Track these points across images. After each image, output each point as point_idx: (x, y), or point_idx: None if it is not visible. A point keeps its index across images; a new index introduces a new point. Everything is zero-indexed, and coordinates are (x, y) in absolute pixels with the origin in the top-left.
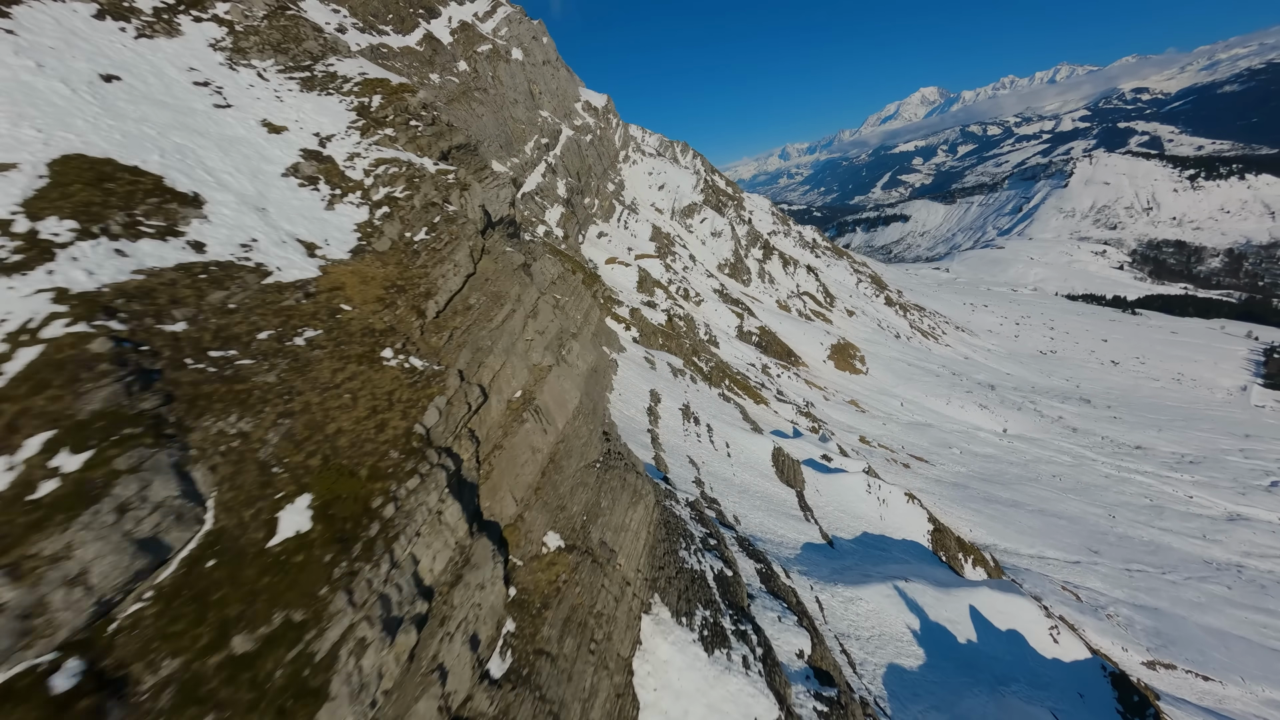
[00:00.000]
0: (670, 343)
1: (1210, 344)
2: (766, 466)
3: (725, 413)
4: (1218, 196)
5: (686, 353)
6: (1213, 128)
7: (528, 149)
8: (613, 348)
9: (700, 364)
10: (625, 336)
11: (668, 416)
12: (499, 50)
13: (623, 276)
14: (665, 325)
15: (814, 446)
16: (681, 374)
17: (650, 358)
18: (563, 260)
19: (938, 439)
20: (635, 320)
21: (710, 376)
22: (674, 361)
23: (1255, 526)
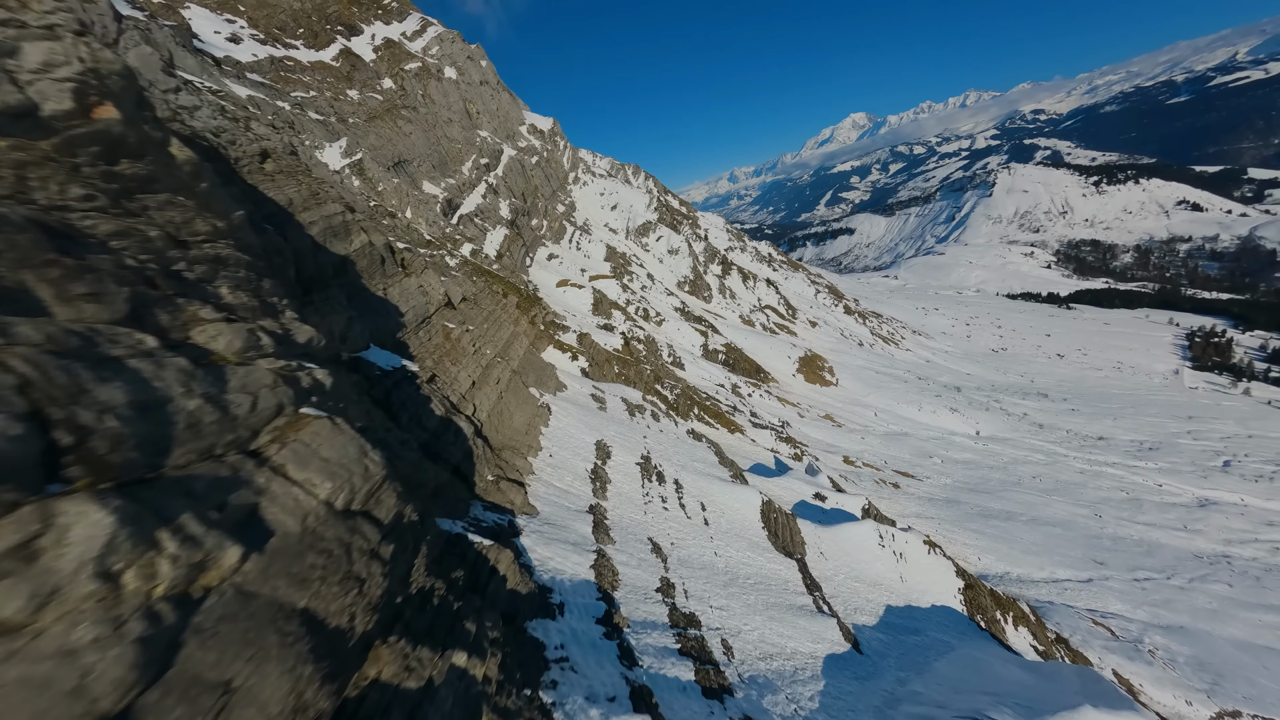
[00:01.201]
0: (628, 370)
1: (1139, 332)
2: (755, 529)
3: (697, 457)
4: (1120, 199)
5: (647, 380)
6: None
7: (465, 169)
8: (546, 387)
9: (664, 392)
10: (571, 369)
11: (621, 478)
12: (429, 68)
13: (576, 299)
14: (622, 350)
15: (803, 483)
16: (640, 411)
17: (600, 394)
18: (492, 283)
19: (917, 449)
20: (585, 347)
21: (677, 406)
22: (630, 396)
23: (1225, 510)
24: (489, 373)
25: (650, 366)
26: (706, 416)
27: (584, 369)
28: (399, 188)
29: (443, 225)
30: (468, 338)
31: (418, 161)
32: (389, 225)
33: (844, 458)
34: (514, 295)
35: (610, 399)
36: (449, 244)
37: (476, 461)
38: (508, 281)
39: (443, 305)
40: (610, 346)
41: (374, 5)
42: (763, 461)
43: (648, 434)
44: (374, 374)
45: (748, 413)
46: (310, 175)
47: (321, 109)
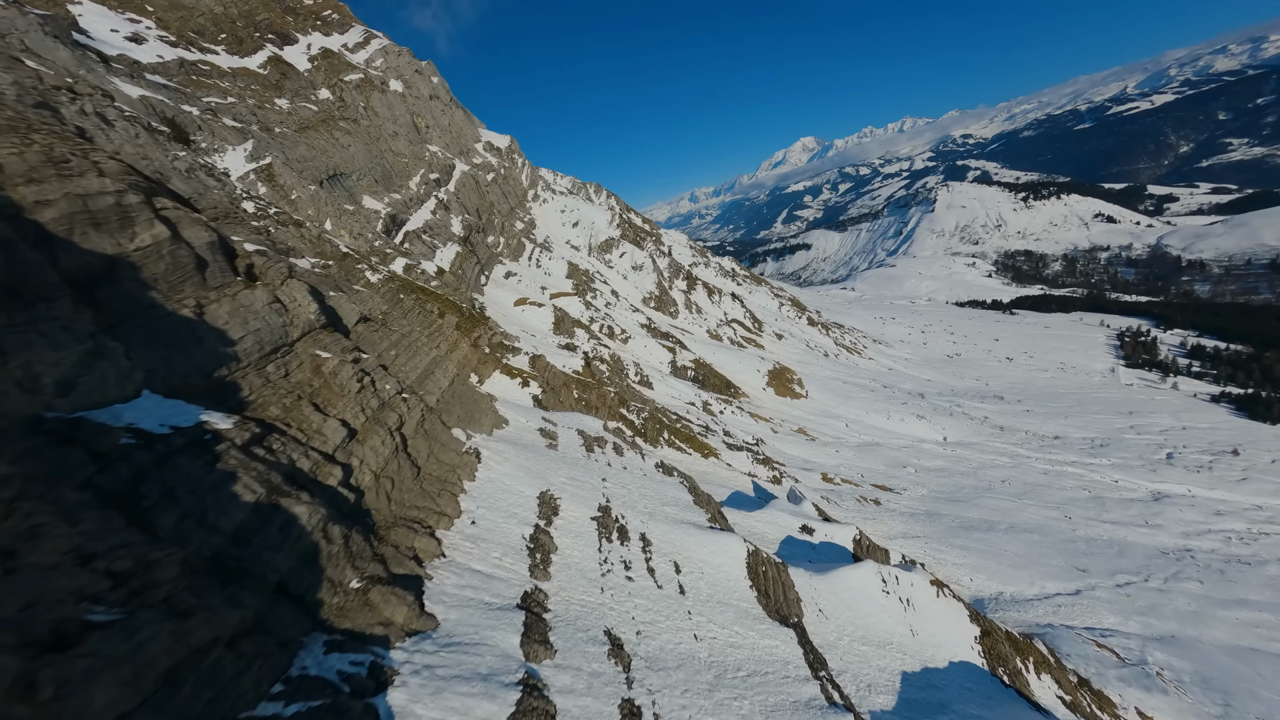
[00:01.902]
0: (589, 394)
1: (1076, 334)
2: (742, 590)
3: (667, 497)
4: (1045, 213)
5: (611, 405)
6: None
7: (412, 184)
8: (479, 425)
9: (631, 416)
10: (520, 397)
11: (571, 543)
12: (372, 80)
13: (536, 318)
14: (583, 372)
15: (788, 514)
16: (600, 445)
17: (552, 427)
18: (425, 301)
19: (890, 459)
20: (539, 371)
21: (645, 432)
22: (589, 425)
23: (1177, 502)
24: (383, 416)
25: (614, 389)
26: (678, 441)
27: (536, 396)
28: (317, 196)
29: (371, 238)
30: (352, 370)
31: (358, 175)
32: (289, 234)
33: (823, 475)
34: (453, 314)
35: (564, 432)
36: (374, 258)
37: (329, 562)
38: (446, 300)
39: (319, 328)
40: (569, 369)
41: (312, 16)
42: (741, 489)
43: (608, 474)
44: (116, 446)
45: (721, 432)
46: (69, 137)
47: (241, 116)
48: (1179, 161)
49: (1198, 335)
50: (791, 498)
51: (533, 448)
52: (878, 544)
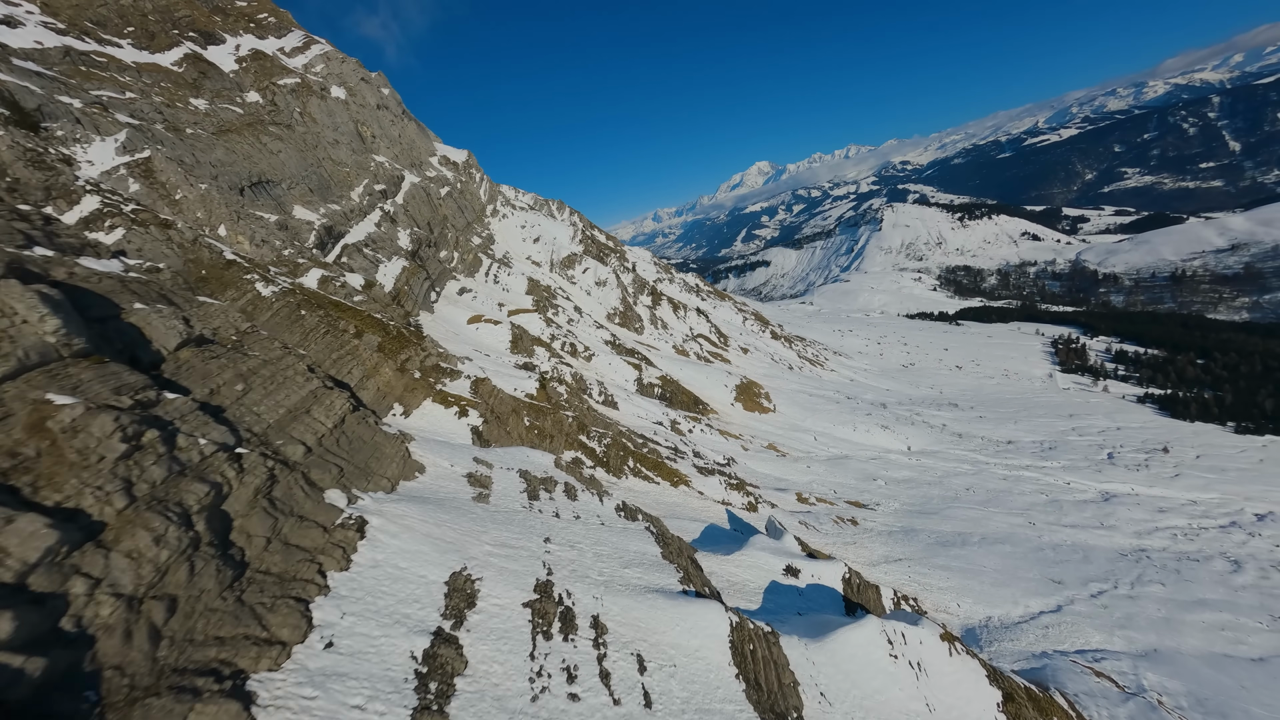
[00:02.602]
0: (543, 421)
1: (1015, 343)
2: (726, 684)
3: (630, 554)
4: (980, 232)
5: (569, 432)
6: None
7: (354, 195)
8: (373, 481)
9: (592, 444)
10: (455, 430)
11: (489, 651)
12: (310, 85)
13: (491, 336)
14: (537, 395)
15: (770, 554)
16: (548, 488)
17: (485, 471)
18: (339, 317)
19: (859, 472)
20: (483, 397)
21: (607, 461)
22: (537, 463)
23: (1124, 501)
24: (173, 493)
25: (574, 412)
26: (645, 469)
27: (476, 428)
28: (208, 196)
29: (280, 246)
30: (111, 425)
31: (289, 183)
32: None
33: (797, 495)
34: (374, 333)
35: (501, 476)
36: (281, 268)
37: None
38: (369, 317)
39: (66, 357)
40: (521, 392)
41: (245, 19)
42: (716, 521)
43: (554, 530)
44: None
45: (691, 454)
46: None
47: (142, 113)
48: (1086, 187)
49: (1120, 341)
50: (771, 531)
51: (452, 503)
52: (868, 580)
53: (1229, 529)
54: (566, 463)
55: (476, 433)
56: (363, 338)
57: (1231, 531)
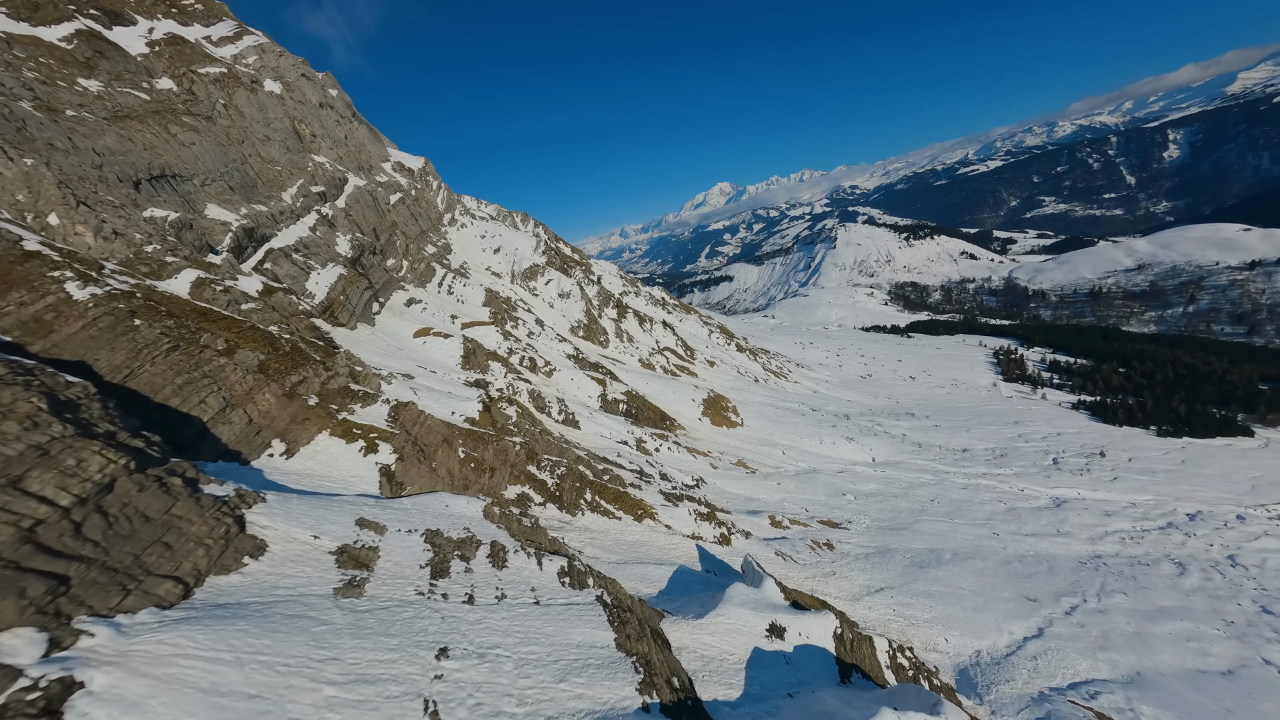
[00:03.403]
0: (482, 452)
1: (961, 354)
2: None
3: (571, 654)
4: (924, 251)
5: (515, 463)
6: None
7: (286, 196)
8: (149, 585)
9: (543, 475)
10: (360, 471)
11: None
12: (239, 77)
13: (440, 351)
14: (479, 419)
15: (749, 611)
16: (465, 555)
17: (373, 539)
18: (202, 329)
19: (829, 486)
20: (402, 425)
21: (560, 496)
22: (457, 518)
23: (1073, 506)
24: None
25: (524, 438)
26: (604, 501)
27: (387, 467)
28: (35, 174)
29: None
30: None
31: (203, 179)
32: None
33: (770, 518)
34: (256, 349)
35: (397, 545)
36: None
37: None
38: (252, 329)
39: None
40: (460, 416)
41: (164, 2)
42: (685, 563)
43: (458, 633)
44: None
45: (658, 476)
46: None
47: (8, 89)
48: (1011, 213)
49: (1052, 352)
50: (749, 575)
51: (292, 609)
52: (860, 631)
53: (1167, 530)
54: (499, 513)
55: (387, 474)
56: (235, 355)
57: (1170, 533)
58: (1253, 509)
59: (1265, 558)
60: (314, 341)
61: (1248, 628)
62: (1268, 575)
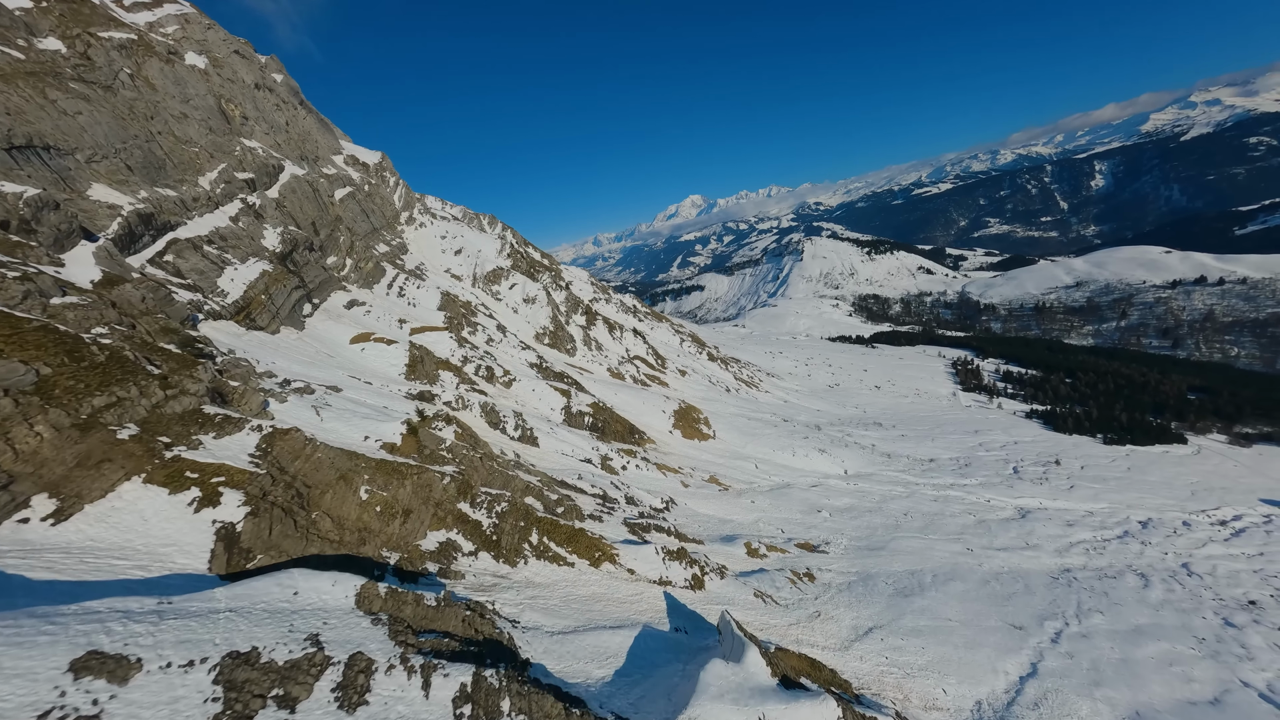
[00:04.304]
0: (396, 489)
1: (922, 364)
2: None
3: None
4: (884, 265)
5: (442, 500)
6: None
7: (205, 181)
8: None
9: (478, 515)
10: (181, 536)
11: None
12: (153, 46)
13: (381, 359)
14: (402, 443)
15: (731, 708)
16: (289, 697)
17: (101, 696)
18: None
19: (803, 503)
20: (271, 461)
21: (498, 541)
22: (315, 610)
23: (1037, 517)
24: None
25: (460, 466)
26: (554, 544)
27: (230, 526)
28: None
29: None
30: None
31: (88, 153)
32: None
33: (746, 547)
34: (38, 359)
35: (144, 701)
36: None
37: None
38: (41, 330)
39: None
40: (374, 442)
41: None
42: (651, 621)
43: None
44: None
45: (623, 500)
46: None
47: None
48: (960, 232)
49: (1006, 363)
50: (727, 643)
51: None
52: (865, 715)
53: (1125, 540)
54: (384, 594)
55: (227, 539)
56: None
57: (1128, 542)
58: (1195, 515)
59: (1214, 565)
60: (164, 349)
61: (1218, 645)
62: (1220, 584)
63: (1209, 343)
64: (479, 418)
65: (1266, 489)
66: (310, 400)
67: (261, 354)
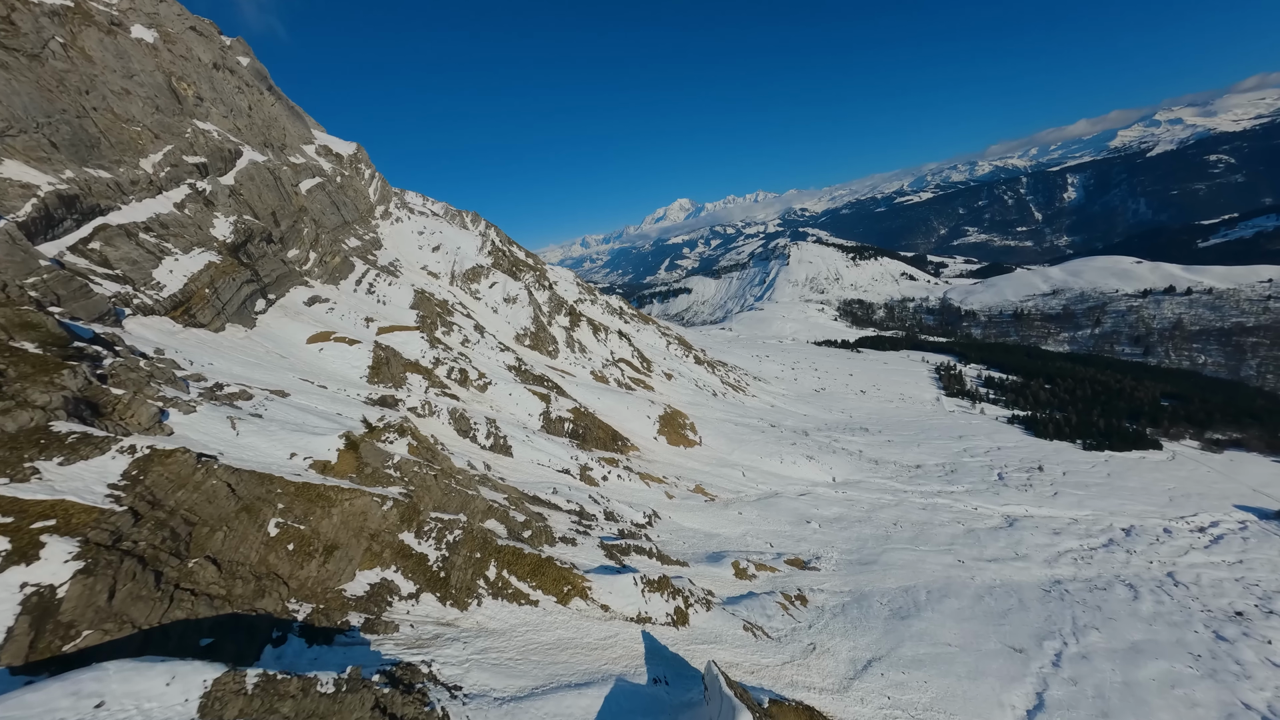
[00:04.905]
0: (321, 519)
1: (906, 369)
2: None
3: None
4: (869, 270)
5: (381, 530)
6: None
7: (147, 163)
8: None
9: (424, 546)
10: None
11: None
12: (92, 14)
13: (341, 360)
14: (338, 461)
15: None
16: None
17: None
18: None
19: (792, 513)
20: (149, 493)
21: (447, 578)
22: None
23: (1024, 525)
24: None
25: (407, 486)
26: (516, 578)
27: (47, 591)
28: None
29: None
30: None
31: (1, 125)
32: None
33: (734, 567)
34: None
35: None
36: None
37: None
38: None
39: None
40: (299, 461)
41: None
42: (625, 672)
43: None
44: None
45: (601, 515)
46: None
47: None
48: (940, 240)
49: (987, 369)
50: (716, 709)
51: None
52: None
53: (1110, 548)
54: (253, 685)
55: (42, 609)
56: None
57: (1114, 551)
58: (1174, 522)
59: (1198, 574)
60: (14, 348)
61: (1214, 661)
62: (1206, 594)
63: (1178, 350)
64: (447, 425)
65: (1239, 495)
66: (229, 411)
67: (197, 354)
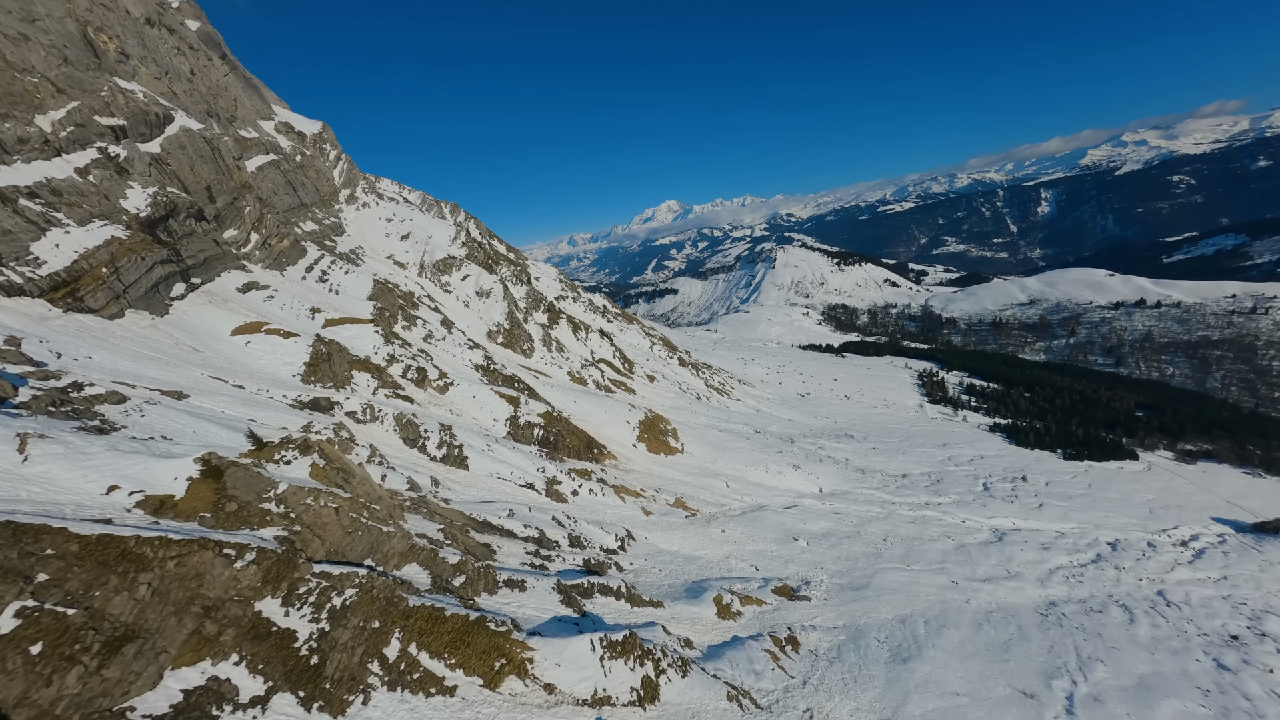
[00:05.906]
0: (116, 595)
1: (890, 375)
2: None
3: None
4: (853, 276)
5: (226, 602)
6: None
7: (45, 122)
8: None
9: (290, 621)
10: None
11: None
12: None
13: (271, 355)
14: (185, 497)
15: None
16: None
17: None
18: None
19: (778, 529)
20: None
21: (322, 668)
22: None
23: (1013, 540)
24: None
25: (282, 533)
26: (428, 655)
27: None
28: None
29: None
30: None
31: None
32: None
33: (716, 602)
34: None
35: None
36: None
37: None
38: None
39: None
40: (122, 496)
41: None
42: None
43: None
44: None
45: (565, 542)
46: None
47: None
48: (920, 249)
49: (968, 376)
50: None
51: None
52: None
53: (1099, 564)
54: None
55: None
56: None
57: (1103, 567)
58: (1157, 535)
59: (1187, 592)
60: None
61: (1223, 696)
62: (1199, 614)
63: (1148, 362)
64: (391, 432)
65: (1215, 507)
66: (45, 425)
67: (73, 345)
